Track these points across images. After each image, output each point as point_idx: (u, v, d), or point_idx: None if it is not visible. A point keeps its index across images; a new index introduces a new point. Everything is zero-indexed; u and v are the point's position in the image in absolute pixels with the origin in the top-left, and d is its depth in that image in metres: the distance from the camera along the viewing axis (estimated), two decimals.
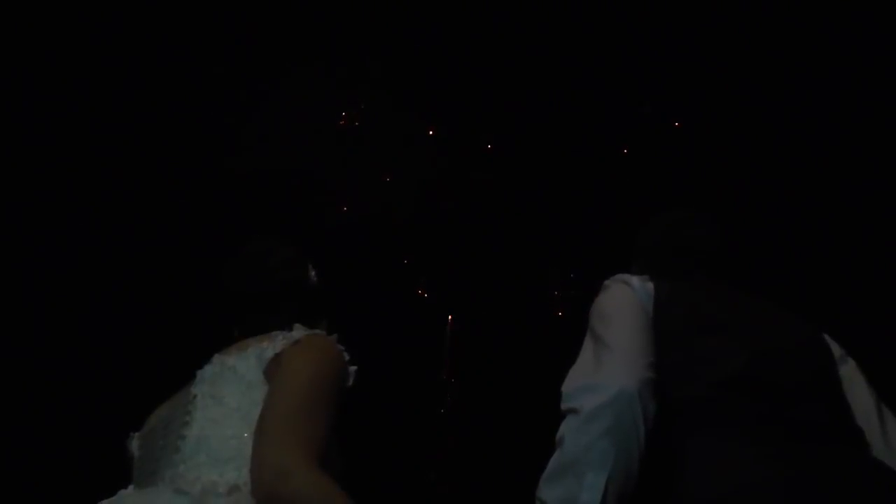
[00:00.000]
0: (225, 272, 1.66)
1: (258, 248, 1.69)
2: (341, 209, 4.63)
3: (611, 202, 4.43)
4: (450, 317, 4.85)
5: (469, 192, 4.70)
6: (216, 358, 1.47)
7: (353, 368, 1.44)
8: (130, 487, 1.36)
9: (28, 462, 3.52)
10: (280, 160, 4.29)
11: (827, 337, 1.58)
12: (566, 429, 1.31)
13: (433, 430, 4.76)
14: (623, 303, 1.51)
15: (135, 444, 1.50)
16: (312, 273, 1.72)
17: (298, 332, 1.45)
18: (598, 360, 1.38)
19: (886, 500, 1.19)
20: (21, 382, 3.60)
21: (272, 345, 1.40)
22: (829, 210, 3.88)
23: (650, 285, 1.55)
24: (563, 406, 1.35)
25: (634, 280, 1.57)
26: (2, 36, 3.60)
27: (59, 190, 3.87)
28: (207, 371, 1.44)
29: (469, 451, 4.74)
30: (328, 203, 4.58)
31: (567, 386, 1.38)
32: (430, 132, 4.55)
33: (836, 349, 1.56)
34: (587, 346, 1.47)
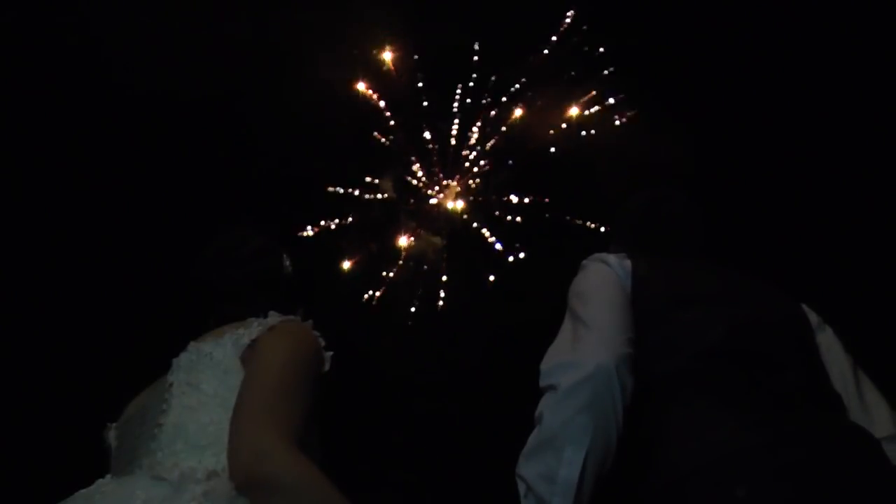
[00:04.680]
0: (198, 264, 1.64)
1: (231, 238, 1.67)
2: None
3: None
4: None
5: None
6: (192, 345, 1.45)
7: (328, 354, 1.44)
8: (108, 477, 1.35)
9: (4, 455, 3.49)
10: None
11: (805, 306, 1.59)
12: (544, 405, 1.31)
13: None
14: (600, 281, 1.52)
15: (112, 435, 1.49)
16: (287, 261, 1.70)
17: (274, 318, 1.44)
18: (576, 338, 1.39)
19: (863, 461, 1.21)
20: None
21: (248, 331, 1.40)
22: (806, 187, 3.92)
23: (628, 263, 1.55)
24: (542, 383, 1.35)
25: (612, 258, 1.57)
26: None
27: (26, 184, 3.84)
28: (183, 359, 1.43)
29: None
30: None
31: (545, 363, 1.38)
32: None
33: (814, 318, 1.58)
34: (566, 324, 1.47)
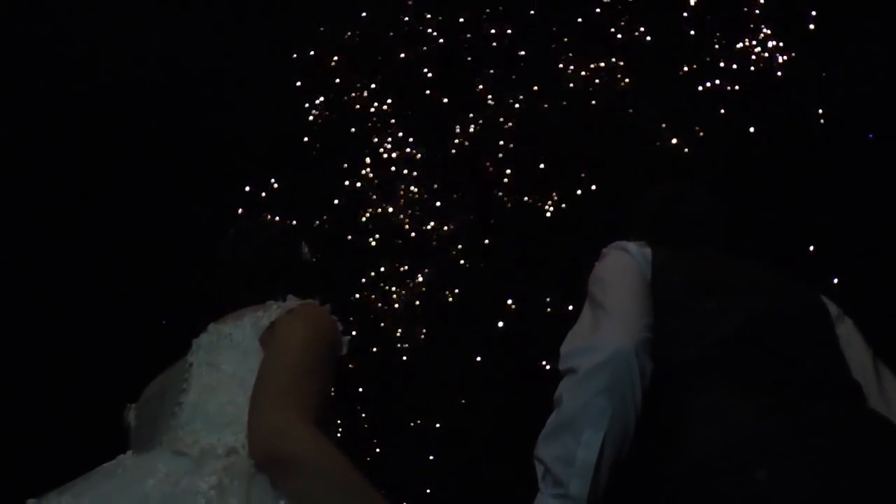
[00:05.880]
0: (219, 249, 1.67)
1: (250, 225, 1.71)
2: None
3: None
4: None
5: None
6: (212, 326, 1.47)
7: (346, 338, 1.45)
8: (129, 453, 1.36)
9: (28, 433, 3.52)
10: None
11: (824, 297, 1.59)
12: (564, 388, 1.32)
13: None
14: (620, 268, 1.52)
15: (132, 415, 1.51)
16: (305, 249, 1.72)
17: (292, 301, 1.45)
18: (596, 323, 1.39)
19: (884, 448, 1.20)
20: (20, 359, 3.60)
21: (267, 313, 1.41)
22: (826, 181, 3.89)
23: (648, 251, 1.55)
24: (561, 367, 1.36)
25: (632, 246, 1.57)
26: None
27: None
28: (203, 339, 1.44)
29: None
30: None
31: (565, 347, 1.38)
32: None
33: (834, 309, 1.57)
34: (586, 310, 1.48)
